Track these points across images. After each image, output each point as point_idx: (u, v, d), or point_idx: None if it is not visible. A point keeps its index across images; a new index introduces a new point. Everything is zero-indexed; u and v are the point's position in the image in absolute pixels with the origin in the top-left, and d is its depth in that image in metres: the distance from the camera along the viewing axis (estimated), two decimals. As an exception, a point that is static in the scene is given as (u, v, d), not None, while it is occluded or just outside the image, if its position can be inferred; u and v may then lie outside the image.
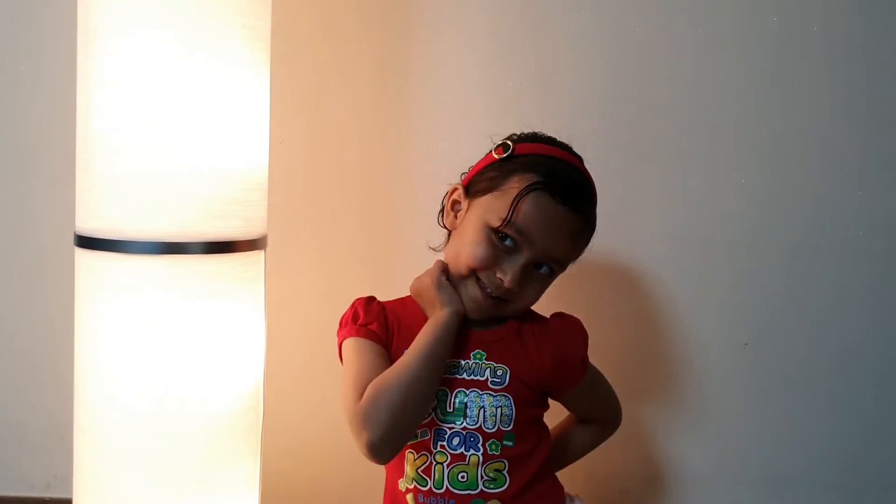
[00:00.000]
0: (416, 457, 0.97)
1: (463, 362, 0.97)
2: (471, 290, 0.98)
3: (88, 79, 0.96)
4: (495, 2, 1.31)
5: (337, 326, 1.05)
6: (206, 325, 0.97)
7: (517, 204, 0.93)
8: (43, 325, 1.34)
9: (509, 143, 0.99)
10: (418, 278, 1.02)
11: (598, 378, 1.09)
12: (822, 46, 1.31)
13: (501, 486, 0.95)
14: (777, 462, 1.35)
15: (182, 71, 0.93)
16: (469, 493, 0.95)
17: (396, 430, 0.90)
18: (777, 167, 1.32)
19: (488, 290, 0.96)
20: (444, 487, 0.95)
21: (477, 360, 0.98)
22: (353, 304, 1.04)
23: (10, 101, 1.33)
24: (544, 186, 0.94)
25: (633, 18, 1.31)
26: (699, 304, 1.33)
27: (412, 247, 1.29)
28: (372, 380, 0.93)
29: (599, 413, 1.13)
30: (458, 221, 1.01)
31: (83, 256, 0.99)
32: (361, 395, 0.92)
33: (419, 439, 0.97)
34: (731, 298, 1.33)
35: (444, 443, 0.95)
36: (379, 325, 1.00)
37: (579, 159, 1.02)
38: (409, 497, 0.98)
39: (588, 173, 1.01)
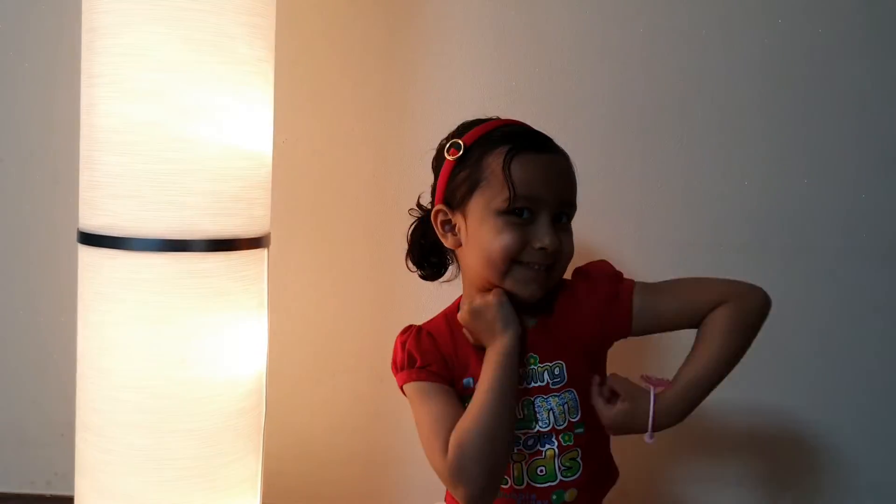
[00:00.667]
0: None
1: (520, 371, 0.96)
2: (519, 274, 0.94)
3: (92, 77, 0.96)
4: (497, 2, 1.31)
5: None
6: (208, 323, 0.97)
7: (509, 176, 0.93)
8: (45, 322, 1.35)
9: (458, 141, 0.98)
10: (475, 302, 0.96)
11: (657, 283, 0.99)
12: (826, 48, 1.31)
13: (576, 474, 0.95)
14: (777, 463, 1.35)
15: (186, 69, 0.93)
16: (549, 486, 0.95)
17: (492, 476, 0.90)
18: (779, 170, 1.32)
19: (536, 266, 0.95)
20: (525, 483, 0.95)
21: (532, 366, 0.96)
22: (400, 342, 1.00)
23: (15, 98, 1.33)
24: (518, 148, 0.94)
25: (635, 19, 1.31)
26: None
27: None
28: (450, 424, 0.91)
29: (699, 296, 0.96)
30: (460, 236, 0.98)
31: (86, 253, 0.99)
32: (445, 443, 0.90)
33: None
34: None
35: (521, 446, 0.96)
36: (438, 364, 0.97)
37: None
38: None
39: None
